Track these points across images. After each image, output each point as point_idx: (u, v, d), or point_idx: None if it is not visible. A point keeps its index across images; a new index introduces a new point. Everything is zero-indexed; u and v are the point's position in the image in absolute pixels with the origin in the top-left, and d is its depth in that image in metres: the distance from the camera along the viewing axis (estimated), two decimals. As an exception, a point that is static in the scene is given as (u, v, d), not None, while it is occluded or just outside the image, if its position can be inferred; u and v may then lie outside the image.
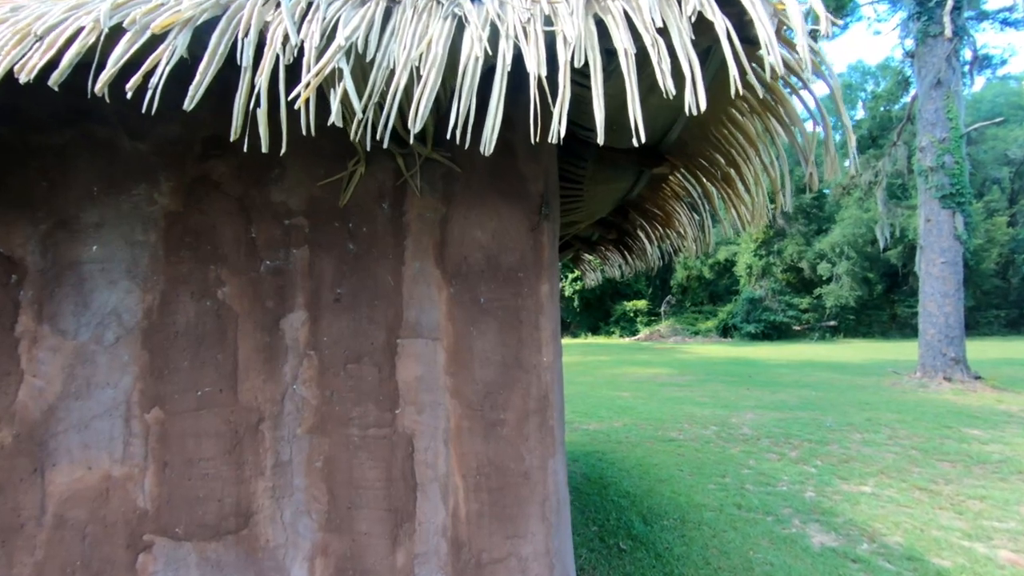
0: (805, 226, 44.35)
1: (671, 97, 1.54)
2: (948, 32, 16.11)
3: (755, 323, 41.11)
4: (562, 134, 1.66)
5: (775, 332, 40.83)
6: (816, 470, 7.26)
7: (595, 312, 46.79)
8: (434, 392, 2.76)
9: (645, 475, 7.19)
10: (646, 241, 6.74)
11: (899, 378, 16.75)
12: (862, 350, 29.78)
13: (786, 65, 1.84)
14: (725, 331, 42.44)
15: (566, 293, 43.49)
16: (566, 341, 42.22)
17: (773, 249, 44.45)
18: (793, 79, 2.36)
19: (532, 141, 1.91)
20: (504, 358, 2.77)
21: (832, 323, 41.36)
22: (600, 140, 1.59)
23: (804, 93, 2.32)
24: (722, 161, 3.35)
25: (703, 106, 1.53)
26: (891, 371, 18.45)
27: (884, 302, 42.34)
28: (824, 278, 42.76)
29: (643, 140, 1.63)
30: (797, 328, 41.73)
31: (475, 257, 2.91)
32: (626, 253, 7.90)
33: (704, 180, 3.84)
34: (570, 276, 41.41)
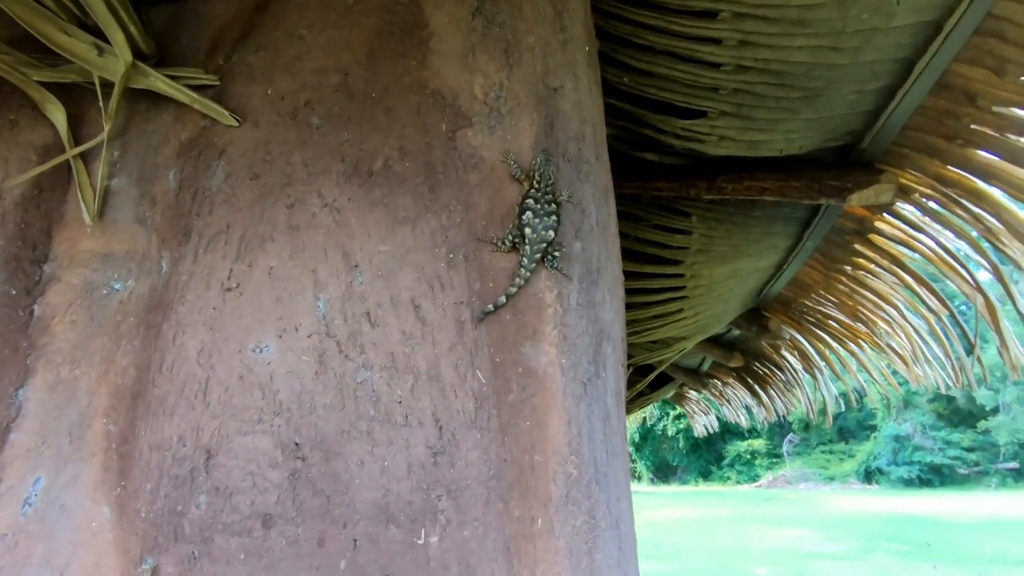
0: (949, 347, 38.47)
1: None
2: None
3: (906, 465, 34.78)
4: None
5: (936, 477, 34.08)
6: None
7: (705, 454, 41.66)
8: None
9: None
10: (797, 368, 4.15)
11: None
12: (1074, 502, 23.28)
13: None
14: (868, 475, 35.98)
15: (668, 432, 39.18)
16: (673, 488, 37.55)
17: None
18: None
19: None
20: None
21: (1013, 464, 33.82)
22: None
23: None
24: None
25: None
26: None
27: (1081, 435, 34.42)
28: (987, 408, 35.87)
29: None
30: (964, 471, 34.60)
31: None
32: (758, 387, 5.26)
33: None
34: (672, 413, 37.48)
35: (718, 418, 7.96)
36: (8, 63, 0.94)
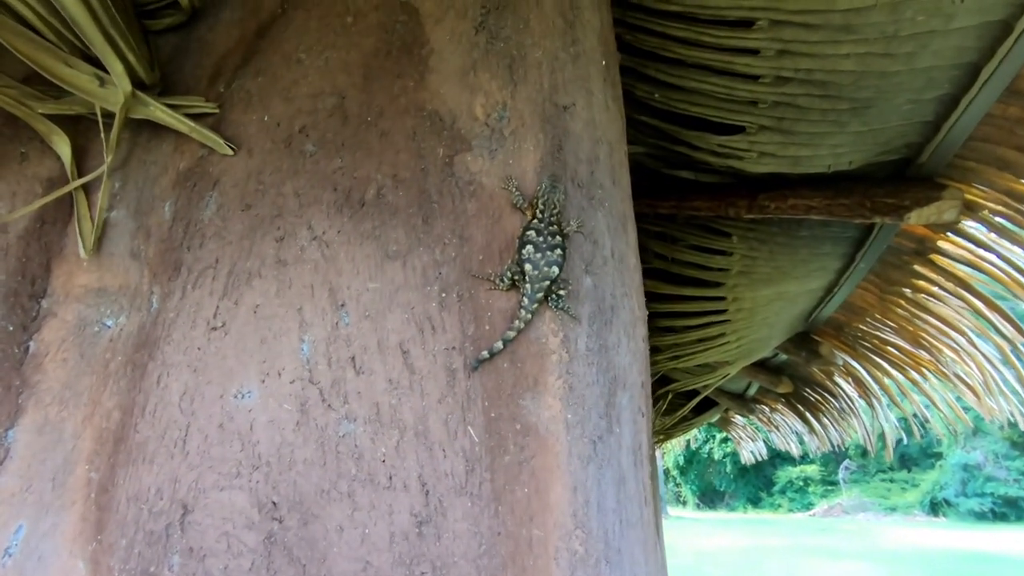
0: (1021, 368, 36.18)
1: None
2: None
3: (977, 497, 32.38)
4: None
5: (1011, 510, 31.62)
6: None
7: (754, 479, 40.04)
8: None
9: None
10: (852, 395, 3.89)
11: None
12: None
13: None
14: (934, 507, 33.68)
15: (715, 456, 37.87)
16: (720, 515, 36.15)
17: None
18: None
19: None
20: None
21: (1098, 498, 31.14)
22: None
23: None
24: None
25: None
26: None
27: None
28: (1068, 436, 33.40)
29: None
30: (1043, 505, 31.93)
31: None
32: (810, 414, 4.98)
33: None
34: (718, 436, 36.24)
35: (766, 444, 7.55)
36: (13, 96, 0.93)
